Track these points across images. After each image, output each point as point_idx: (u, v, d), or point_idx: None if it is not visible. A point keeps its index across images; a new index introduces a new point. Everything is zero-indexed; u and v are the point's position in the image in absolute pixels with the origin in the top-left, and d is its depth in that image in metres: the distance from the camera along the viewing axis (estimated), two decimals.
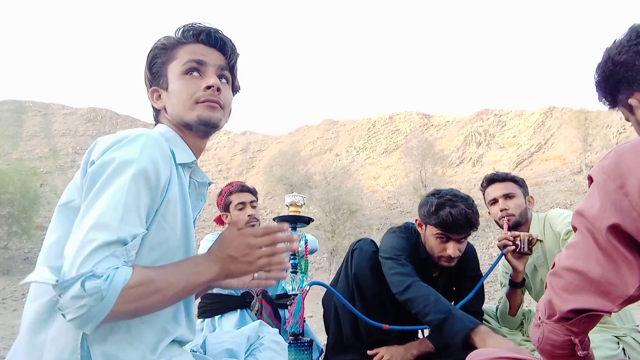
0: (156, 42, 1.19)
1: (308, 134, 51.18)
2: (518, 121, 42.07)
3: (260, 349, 1.30)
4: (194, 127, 1.15)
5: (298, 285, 1.90)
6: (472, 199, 2.01)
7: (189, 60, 1.15)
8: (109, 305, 0.86)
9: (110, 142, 0.98)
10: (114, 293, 0.86)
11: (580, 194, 27.13)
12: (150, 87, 1.19)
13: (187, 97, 1.13)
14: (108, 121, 50.61)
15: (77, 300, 0.84)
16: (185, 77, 1.14)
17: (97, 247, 0.87)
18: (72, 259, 0.86)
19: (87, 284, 0.84)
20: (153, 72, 1.18)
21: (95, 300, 0.84)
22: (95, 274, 0.85)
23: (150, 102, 1.21)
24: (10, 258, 22.27)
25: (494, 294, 16.02)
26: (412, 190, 28.44)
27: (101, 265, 0.86)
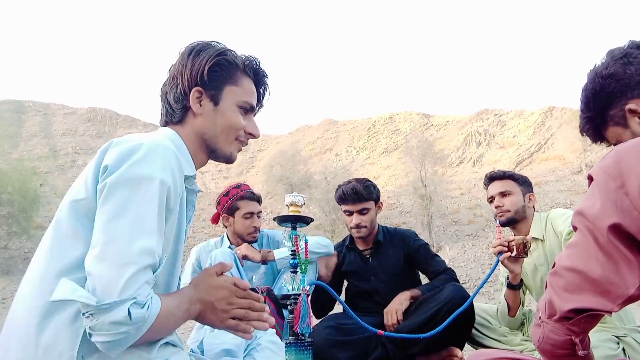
0: (226, 52, 1.16)
1: (308, 134, 51.17)
2: (518, 121, 42.06)
3: (257, 349, 1.30)
4: (216, 155, 1.18)
5: (298, 285, 1.90)
6: (370, 180, 2.54)
7: (248, 102, 1.18)
8: (142, 333, 0.87)
9: (125, 150, 0.96)
10: (150, 322, 0.87)
11: (580, 193, 27.12)
12: (196, 86, 1.13)
13: (235, 131, 1.16)
14: (108, 121, 50.58)
15: (118, 326, 0.83)
16: (239, 110, 1.17)
17: (138, 271, 0.86)
18: (109, 279, 0.84)
19: (134, 312, 0.84)
20: (210, 77, 1.13)
21: (136, 328, 0.85)
22: (138, 301, 0.85)
23: (181, 100, 1.14)
24: (10, 258, 22.26)
25: (494, 294, 16.02)
26: (412, 190, 28.41)
27: (142, 293, 0.86)
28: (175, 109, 1.15)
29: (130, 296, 0.84)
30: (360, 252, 2.57)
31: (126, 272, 0.85)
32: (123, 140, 1.00)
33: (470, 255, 21.50)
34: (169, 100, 1.16)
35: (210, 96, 1.14)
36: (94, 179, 0.97)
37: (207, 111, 1.14)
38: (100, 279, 0.85)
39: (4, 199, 23.17)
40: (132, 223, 0.89)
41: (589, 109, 1.06)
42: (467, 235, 24.89)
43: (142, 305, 0.85)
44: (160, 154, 0.97)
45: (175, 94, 1.15)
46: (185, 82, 1.13)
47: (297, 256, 1.92)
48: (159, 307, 0.89)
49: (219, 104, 1.15)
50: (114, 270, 0.85)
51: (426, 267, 2.52)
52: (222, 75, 1.15)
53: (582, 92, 1.07)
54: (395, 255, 2.53)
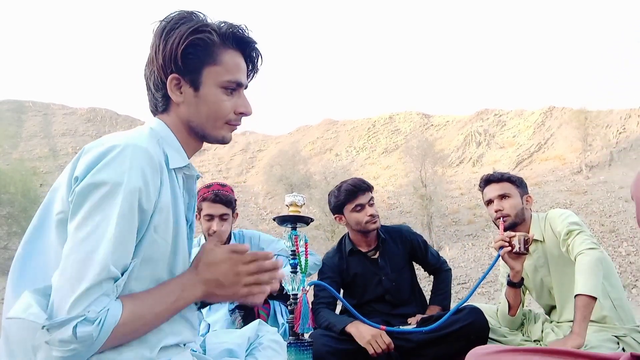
0: (199, 28, 1.03)
1: (308, 134, 51.20)
2: (518, 121, 42.09)
3: (259, 348, 1.30)
4: (209, 140, 1.11)
5: (298, 285, 1.90)
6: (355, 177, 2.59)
7: (232, 81, 1.07)
8: (97, 347, 0.85)
9: (94, 157, 0.92)
10: (104, 336, 0.85)
11: (580, 193, 27.14)
12: (172, 73, 1.03)
13: (221, 115, 1.08)
14: (108, 121, 50.62)
15: (65, 344, 0.82)
16: (223, 91, 1.07)
17: (90, 286, 0.84)
18: (62, 297, 0.84)
19: (79, 330, 0.82)
20: (185, 61, 1.02)
21: (85, 345, 0.83)
22: (88, 318, 0.83)
23: (161, 89, 1.06)
24: (10, 258, 22.23)
25: (494, 294, 16.03)
26: (412, 190, 28.44)
27: (93, 309, 0.84)
28: (157, 98, 1.08)
29: (78, 314, 0.82)
30: (364, 254, 2.52)
31: (78, 289, 0.84)
32: (92, 147, 0.96)
33: (470, 255, 21.52)
34: (151, 87, 1.08)
35: (189, 81, 1.04)
36: (67, 190, 0.95)
37: (189, 98, 1.05)
38: (57, 292, 0.85)
39: (4, 199, 23.19)
40: (90, 234, 0.87)
41: None
42: (467, 235, 24.91)
43: (92, 321, 0.83)
44: (127, 156, 0.92)
45: (154, 81, 1.06)
46: (160, 69, 1.04)
47: (297, 256, 1.93)
48: (116, 318, 0.86)
49: (200, 88, 1.05)
50: (68, 286, 0.84)
51: (425, 260, 2.61)
52: (199, 56, 1.03)
53: None
54: (399, 251, 2.54)
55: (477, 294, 16.46)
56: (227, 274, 1.00)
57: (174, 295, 0.97)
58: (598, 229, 21.41)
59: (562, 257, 2.15)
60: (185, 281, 1.00)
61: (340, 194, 2.45)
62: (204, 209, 2.50)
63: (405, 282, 2.50)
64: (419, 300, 2.58)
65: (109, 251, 0.87)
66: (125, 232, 0.90)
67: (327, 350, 2.06)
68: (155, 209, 0.96)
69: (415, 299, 2.56)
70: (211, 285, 1.00)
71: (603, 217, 23.14)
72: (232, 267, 1.01)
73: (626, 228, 21.22)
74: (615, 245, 19.97)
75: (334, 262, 2.52)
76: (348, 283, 2.51)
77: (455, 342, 2.02)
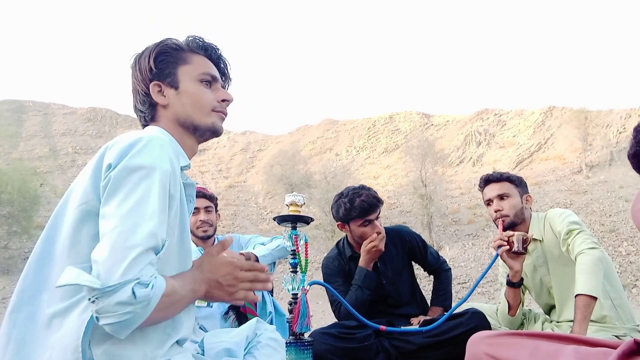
0: (164, 41, 1.20)
1: (308, 134, 51.15)
2: (518, 121, 42.04)
3: (257, 346, 1.30)
4: (202, 132, 1.20)
5: (298, 284, 1.90)
6: (367, 186, 2.49)
7: (206, 73, 1.20)
8: (149, 312, 0.89)
9: (125, 145, 0.99)
10: (156, 300, 0.90)
11: (580, 193, 27.11)
12: (152, 81, 1.17)
13: (205, 103, 1.18)
14: (108, 121, 50.57)
15: (124, 306, 0.85)
16: (201, 84, 1.19)
17: (140, 253, 0.89)
18: (112, 263, 0.87)
19: (138, 291, 0.87)
20: (159, 67, 1.17)
21: (142, 307, 0.87)
22: (142, 281, 0.88)
23: (147, 101, 1.19)
24: (10, 258, 22.25)
25: (494, 294, 16.01)
26: (412, 189, 28.39)
27: (145, 273, 0.89)
28: (145, 111, 1.19)
29: (133, 277, 0.87)
30: None
31: (129, 255, 0.88)
32: (119, 140, 1.03)
33: (470, 255, 21.50)
34: (139, 108, 1.21)
35: (168, 84, 1.17)
36: (95, 180, 0.99)
37: (172, 98, 1.17)
38: (104, 264, 0.88)
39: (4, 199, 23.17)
40: (134, 209, 0.92)
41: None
42: (467, 235, 24.89)
43: (146, 284, 0.88)
44: (157, 145, 1.01)
45: (139, 99, 1.19)
46: (141, 85, 1.18)
47: (297, 256, 1.92)
48: (163, 286, 0.92)
49: (179, 86, 1.18)
50: (117, 254, 0.88)
51: (424, 260, 2.60)
52: (170, 60, 1.18)
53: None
54: (398, 253, 2.54)
55: (477, 294, 16.44)
56: (227, 277, 1.09)
57: (190, 285, 1.03)
58: (598, 229, 21.38)
59: (562, 257, 2.15)
60: (195, 276, 1.07)
61: (353, 210, 2.35)
62: None
63: (405, 283, 2.51)
64: (420, 300, 2.58)
65: (154, 221, 0.93)
66: (163, 209, 0.97)
67: (327, 349, 2.06)
68: (174, 197, 1.03)
69: (416, 299, 2.57)
70: (212, 285, 1.08)
71: (603, 216, 23.12)
72: (232, 271, 1.09)
73: (626, 228, 21.19)
74: (615, 245, 19.94)
75: (336, 266, 2.51)
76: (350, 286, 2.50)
77: (457, 346, 2.02)
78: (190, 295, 1.03)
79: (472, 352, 1.10)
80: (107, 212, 0.94)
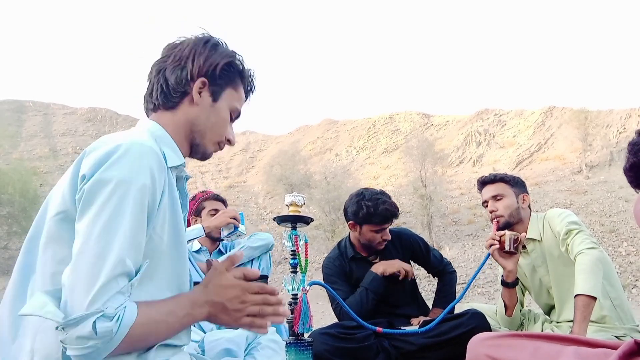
0: (237, 55, 1.18)
1: (308, 134, 51.19)
2: (518, 121, 42.07)
3: (257, 348, 1.30)
4: (197, 149, 1.17)
5: (298, 285, 1.90)
6: (385, 192, 2.51)
7: (238, 110, 1.21)
8: (114, 346, 0.85)
9: (101, 155, 0.93)
10: (122, 334, 0.85)
11: (580, 193, 27.12)
12: (202, 77, 1.12)
13: (221, 132, 1.18)
14: (108, 121, 50.62)
15: (84, 341, 0.82)
16: (228, 115, 1.19)
17: (106, 282, 0.85)
18: (78, 294, 0.84)
19: (99, 326, 0.82)
20: (220, 74, 1.13)
21: (104, 342, 0.83)
22: (106, 314, 0.83)
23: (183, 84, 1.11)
24: (10, 258, 22.28)
25: (493, 294, 16.02)
26: (412, 190, 28.41)
27: (110, 305, 0.84)
28: (174, 92, 1.11)
29: (96, 310, 0.83)
30: (366, 259, 2.53)
31: (95, 284, 0.84)
32: (97, 146, 0.97)
33: (470, 255, 21.51)
34: (169, 79, 1.11)
35: (211, 91, 1.14)
36: (72, 189, 0.95)
37: (204, 104, 1.13)
38: (72, 291, 0.85)
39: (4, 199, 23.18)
40: (104, 230, 0.88)
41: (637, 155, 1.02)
42: (467, 235, 24.90)
43: (110, 318, 0.84)
44: (136, 155, 0.94)
45: (179, 75, 1.11)
46: (195, 68, 1.11)
47: (297, 256, 1.92)
48: (133, 317, 0.87)
49: (217, 101, 1.15)
50: (83, 282, 0.84)
51: (427, 262, 2.61)
52: (229, 76, 1.16)
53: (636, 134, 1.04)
54: (399, 255, 2.54)
55: (477, 294, 16.45)
56: (233, 301, 1.01)
57: (184, 310, 0.98)
58: (598, 229, 21.39)
59: (561, 257, 2.15)
60: (195, 298, 1.01)
61: (375, 216, 2.36)
62: (208, 206, 2.76)
63: (406, 284, 2.51)
64: (420, 301, 2.59)
65: (124, 246, 0.88)
66: (137, 229, 0.91)
67: (327, 349, 2.06)
68: (159, 208, 0.98)
69: (416, 300, 2.57)
70: (217, 308, 1.01)
71: (603, 217, 23.13)
72: (239, 294, 1.02)
73: (626, 228, 21.20)
74: (615, 245, 19.95)
75: (336, 266, 2.51)
76: (351, 287, 2.51)
77: (457, 346, 2.02)
78: (183, 321, 0.97)
79: (473, 353, 1.10)
80: (79, 229, 0.90)
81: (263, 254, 2.69)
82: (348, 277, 2.49)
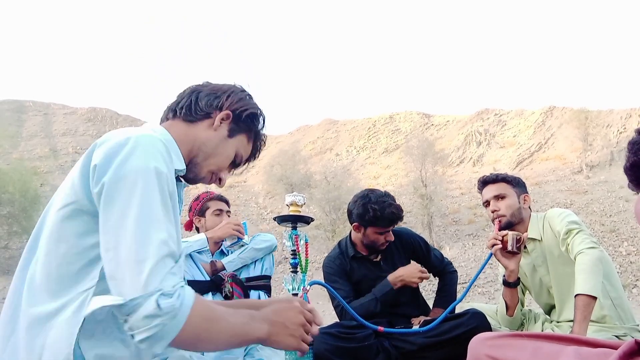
0: (261, 112, 1.27)
1: (308, 134, 51.20)
2: (518, 121, 42.06)
3: (257, 347, 1.30)
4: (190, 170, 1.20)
5: (299, 284, 1.90)
6: (390, 194, 2.50)
7: (242, 158, 1.26)
8: (180, 324, 0.86)
9: (113, 145, 0.95)
10: (185, 311, 0.86)
11: (580, 193, 27.12)
12: (230, 111, 1.20)
13: (219, 166, 1.22)
14: (108, 121, 50.64)
15: (151, 320, 0.83)
16: (233, 154, 1.24)
17: (155, 264, 0.86)
18: (131, 281, 0.85)
19: (162, 302, 0.83)
20: (244, 118, 1.22)
21: (170, 318, 0.84)
22: (165, 292, 0.85)
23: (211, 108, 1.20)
24: (10, 258, 22.31)
25: (494, 294, 16.03)
26: (412, 189, 28.43)
27: (166, 284, 0.85)
28: (199, 110, 1.19)
29: (155, 289, 0.84)
30: (367, 258, 2.54)
31: (144, 268, 0.85)
32: (107, 139, 0.99)
33: (471, 255, 21.52)
34: (200, 99, 1.19)
35: (230, 127, 1.21)
36: (83, 179, 0.96)
37: (220, 133, 1.19)
38: (122, 281, 0.86)
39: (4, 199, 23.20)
40: (138, 218, 0.88)
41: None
42: (467, 235, 24.91)
43: (170, 295, 0.85)
44: (148, 144, 0.97)
45: (210, 100, 1.20)
46: (227, 102, 1.20)
47: (298, 256, 1.92)
48: (192, 297, 0.88)
49: (231, 138, 1.21)
50: (131, 270, 0.85)
51: (427, 262, 2.60)
52: (249, 125, 1.24)
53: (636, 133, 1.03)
54: (400, 255, 2.55)
55: (477, 294, 16.45)
56: (293, 321, 1.05)
57: (245, 317, 0.99)
58: (598, 229, 21.39)
59: (561, 257, 2.15)
60: (254, 313, 1.03)
61: (381, 219, 2.36)
62: (212, 206, 2.77)
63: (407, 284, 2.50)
64: (420, 301, 2.59)
65: (161, 228, 0.90)
66: (167, 212, 0.94)
67: (327, 349, 2.06)
68: (174, 196, 1.01)
69: (416, 300, 2.57)
70: (276, 327, 1.03)
71: (603, 216, 23.13)
72: (299, 316, 1.06)
73: (626, 228, 21.21)
74: (615, 245, 19.95)
75: (337, 265, 2.51)
76: (351, 286, 2.52)
77: (458, 346, 2.02)
78: (245, 328, 0.97)
79: (474, 354, 1.10)
80: (108, 223, 0.90)
81: (266, 255, 2.69)
82: (349, 276, 2.49)
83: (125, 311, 0.84)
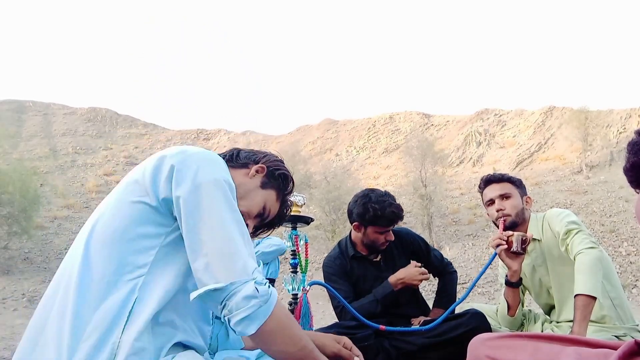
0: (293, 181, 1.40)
1: (308, 134, 51.17)
2: (518, 121, 42.04)
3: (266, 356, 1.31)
4: None
5: (299, 284, 1.90)
6: (390, 193, 2.51)
7: (268, 211, 1.33)
8: (270, 308, 0.97)
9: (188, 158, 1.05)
10: (274, 299, 0.98)
11: (580, 193, 27.11)
12: (265, 166, 1.33)
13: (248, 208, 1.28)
14: (108, 121, 50.59)
15: (249, 300, 0.94)
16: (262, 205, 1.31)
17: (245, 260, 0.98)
18: (225, 268, 0.95)
19: (259, 287, 0.96)
20: (275, 175, 1.34)
21: (264, 301, 0.96)
22: (258, 281, 0.97)
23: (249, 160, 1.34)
24: (10, 258, 22.23)
25: (494, 294, 16.01)
26: (412, 190, 28.40)
27: (257, 276, 0.98)
28: (239, 159, 1.34)
29: (250, 277, 0.96)
30: (367, 258, 2.55)
31: (239, 259, 0.97)
32: (177, 152, 1.08)
33: (470, 255, 21.50)
34: (242, 152, 1.36)
35: (263, 180, 1.32)
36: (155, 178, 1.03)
37: (254, 182, 1.31)
38: (219, 271, 0.95)
39: (4, 199, 23.15)
40: (221, 224, 0.99)
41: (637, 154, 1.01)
42: (467, 235, 24.89)
43: (263, 283, 0.97)
44: (215, 159, 1.11)
45: (250, 155, 1.35)
46: (263, 159, 1.35)
47: (297, 256, 1.93)
48: (275, 293, 1.00)
49: (262, 189, 1.31)
50: (227, 261, 0.96)
51: (427, 262, 2.61)
52: (279, 184, 1.35)
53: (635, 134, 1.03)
54: (400, 255, 2.56)
55: (477, 294, 16.44)
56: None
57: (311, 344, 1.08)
58: (598, 229, 21.37)
59: (561, 257, 2.16)
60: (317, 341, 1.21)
61: (381, 219, 2.37)
62: None
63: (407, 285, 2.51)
64: (420, 301, 2.59)
65: (243, 231, 1.03)
66: (240, 219, 1.05)
67: None
68: None
69: (416, 300, 2.57)
70: None
71: (603, 217, 23.12)
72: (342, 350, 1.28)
73: (626, 228, 21.19)
74: (615, 245, 19.94)
75: (337, 265, 2.51)
76: (352, 286, 2.52)
77: (457, 346, 2.02)
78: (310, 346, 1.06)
79: (473, 354, 1.10)
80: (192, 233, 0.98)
81: None
82: (349, 276, 2.50)
83: (225, 294, 0.94)
